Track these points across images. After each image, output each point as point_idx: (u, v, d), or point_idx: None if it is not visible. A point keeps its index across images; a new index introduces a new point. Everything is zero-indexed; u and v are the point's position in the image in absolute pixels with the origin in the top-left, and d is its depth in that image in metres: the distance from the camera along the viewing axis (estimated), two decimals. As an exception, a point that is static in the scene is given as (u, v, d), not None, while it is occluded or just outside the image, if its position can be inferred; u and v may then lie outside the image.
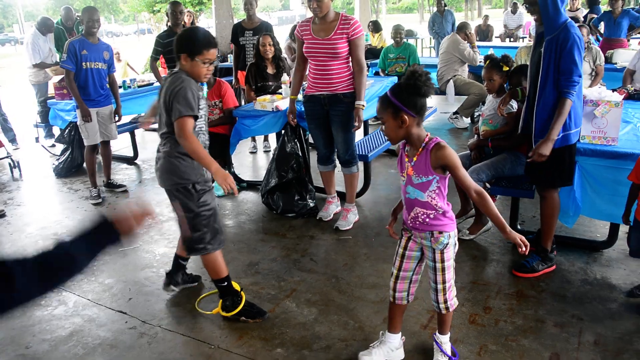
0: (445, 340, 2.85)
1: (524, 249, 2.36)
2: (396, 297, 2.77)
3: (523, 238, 2.37)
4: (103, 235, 1.63)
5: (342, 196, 4.95)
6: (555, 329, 3.12)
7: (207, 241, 3.19)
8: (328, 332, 3.18)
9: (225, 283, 3.33)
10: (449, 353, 2.84)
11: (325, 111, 4.39)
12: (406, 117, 2.41)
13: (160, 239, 4.58)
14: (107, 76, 5.59)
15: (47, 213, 5.32)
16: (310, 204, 4.90)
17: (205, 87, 5.54)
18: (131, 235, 1.69)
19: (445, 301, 2.69)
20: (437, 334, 2.87)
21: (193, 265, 3.94)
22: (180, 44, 2.99)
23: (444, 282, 2.66)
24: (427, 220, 2.54)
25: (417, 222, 2.57)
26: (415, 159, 2.49)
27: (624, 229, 3.95)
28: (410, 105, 2.41)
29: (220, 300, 3.35)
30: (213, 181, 3.16)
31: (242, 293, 3.36)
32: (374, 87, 5.63)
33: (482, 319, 3.24)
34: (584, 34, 6.54)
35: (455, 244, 2.65)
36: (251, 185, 5.80)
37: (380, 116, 2.48)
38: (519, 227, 4.29)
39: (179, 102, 2.90)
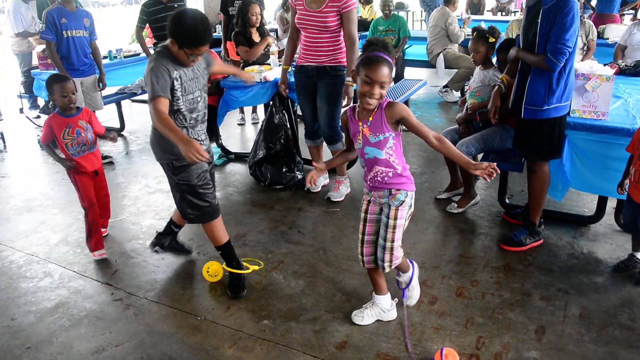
0: (402, 279, 3.02)
1: (493, 174, 2.39)
2: (364, 260, 2.86)
3: (491, 164, 2.40)
4: None
5: (332, 169, 4.92)
6: (541, 302, 3.13)
7: (189, 212, 3.24)
8: (315, 304, 3.18)
9: (225, 249, 3.37)
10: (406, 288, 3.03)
11: (313, 82, 4.33)
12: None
13: (147, 211, 4.54)
14: (89, 44, 5.48)
15: (32, 185, 5.25)
16: (299, 176, 4.87)
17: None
18: None
19: (391, 260, 2.77)
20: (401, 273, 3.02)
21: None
22: (171, 30, 2.87)
23: (393, 240, 2.73)
24: (386, 178, 2.65)
25: (377, 181, 2.68)
26: (371, 118, 2.59)
27: (611, 204, 3.96)
28: None
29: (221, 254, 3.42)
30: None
31: (253, 267, 3.45)
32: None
33: (469, 292, 3.25)
34: None
35: (411, 206, 2.75)
36: (239, 157, 5.75)
37: (386, 79, 2.48)
38: (507, 201, 4.29)
39: (148, 85, 2.88)
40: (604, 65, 3.95)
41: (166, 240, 3.73)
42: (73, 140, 3.60)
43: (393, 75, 2.57)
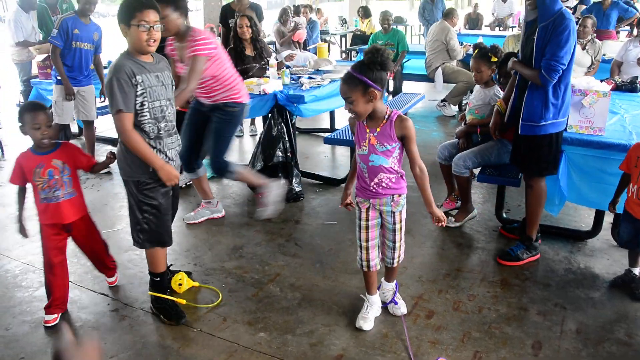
0: (391, 287, 3.18)
1: (442, 224, 2.79)
2: (370, 265, 2.97)
3: (443, 215, 2.79)
4: None
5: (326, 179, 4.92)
6: (538, 317, 3.13)
7: (140, 237, 3.06)
8: (312, 317, 3.17)
9: (158, 279, 3.20)
10: (395, 297, 3.17)
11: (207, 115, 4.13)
12: (376, 92, 2.58)
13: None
14: (93, 57, 5.54)
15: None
16: (297, 189, 4.87)
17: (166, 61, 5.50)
18: None
19: (399, 256, 3.00)
20: (384, 281, 3.20)
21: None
22: (117, 16, 2.72)
23: (400, 239, 2.95)
24: (390, 184, 2.77)
25: (381, 187, 2.77)
26: (378, 129, 2.69)
27: (608, 219, 3.97)
28: (377, 81, 2.58)
29: (150, 280, 3.25)
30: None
31: (179, 300, 3.25)
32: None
33: (466, 307, 3.25)
34: (588, 25, 6.54)
35: (405, 204, 2.89)
36: (237, 169, 5.75)
37: (348, 95, 2.60)
38: (504, 215, 4.30)
39: (109, 96, 2.74)
40: (601, 81, 3.99)
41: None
42: (44, 184, 3.02)
43: (388, 90, 2.63)
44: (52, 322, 3.14)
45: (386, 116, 2.68)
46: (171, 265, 3.65)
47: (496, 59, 4.15)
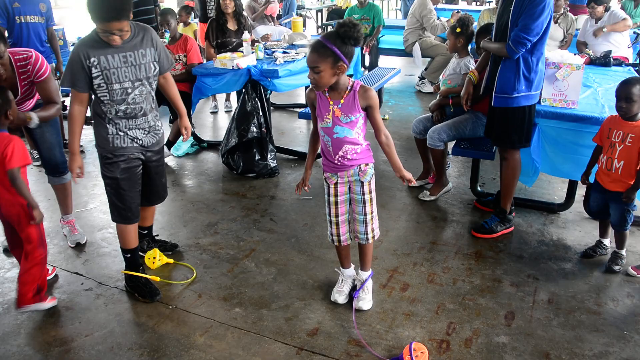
0: (363, 277, 3.06)
1: (412, 183, 2.84)
2: (341, 240, 2.96)
3: (410, 175, 2.80)
4: None
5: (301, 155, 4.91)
6: (511, 288, 3.17)
7: (111, 210, 3.12)
8: (287, 292, 3.17)
9: (128, 255, 3.20)
10: (361, 289, 3.04)
11: None
12: (345, 66, 2.56)
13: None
14: (46, 30, 5.24)
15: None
16: (271, 164, 4.85)
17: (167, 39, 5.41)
18: None
19: (373, 230, 2.92)
20: (360, 271, 3.08)
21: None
22: (86, 3, 2.65)
23: (371, 212, 2.88)
24: (355, 155, 2.74)
25: (346, 160, 2.74)
26: (342, 100, 2.65)
27: (580, 192, 4.01)
28: (347, 54, 2.55)
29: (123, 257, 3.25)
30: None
31: (153, 277, 3.24)
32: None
33: (441, 279, 3.27)
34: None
35: (373, 174, 2.85)
36: (211, 146, 5.70)
37: (317, 65, 2.53)
38: (479, 188, 4.33)
39: (65, 71, 2.80)
40: (575, 54, 4.00)
41: (143, 243, 3.53)
42: None
43: (364, 64, 2.61)
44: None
45: (349, 87, 2.65)
46: (157, 235, 3.67)
47: (459, 30, 4.22)
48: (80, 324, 2.94)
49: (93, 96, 2.88)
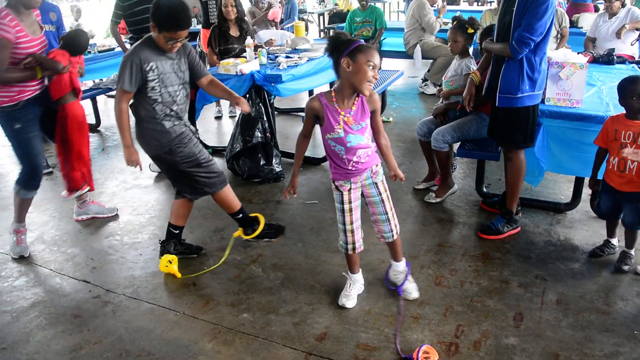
0: (402, 268, 3.12)
1: (401, 180, 2.89)
2: (356, 247, 2.97)
3: (402, 175, 2.90)
4: None
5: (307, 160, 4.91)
6: (519, 289, 3.16)
7: (199, 188, 3.40)
8: (294, 297, 3.17)
9: (240, 215, 3.62)
10: (407, 279, 3.11)
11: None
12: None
13: (124, 207, 4.49)
14: (57, 39, 5.32)
15: (6, 183, 5.16)
16: (276, 169, 4.85)
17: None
18: None
19: (396, 226, 2.97)
20: (393, 262, 3.13)
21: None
22: (152, 12, 3.00)
23: (391, 209, 2.93)
24: (367, 158, 2.78)
25: (360, 164, 2.77)
26: (353, 108, 2.68)
27: (586, 191, 4.00)
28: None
29: (240, 228, 3.67)
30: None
31: (260, 217, 3.70)
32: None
33: (448, 281, 3.27)
34: None
35: (383, 173, 2.92)
36: (216, 151, 5.71)
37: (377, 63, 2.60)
38: (484, 189, 4.32)
39: (120, 73, 3.05)
40: (578, 53, 3.99)
41: (170, 245, 3.56)
42: None
43: None
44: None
45: (356, 93, 2.67)
46: (184, 240, 3.73)
47: (472, 31, 4.18)
48: (89, 331, 2.95)
49: (139, 98, 3.16)
